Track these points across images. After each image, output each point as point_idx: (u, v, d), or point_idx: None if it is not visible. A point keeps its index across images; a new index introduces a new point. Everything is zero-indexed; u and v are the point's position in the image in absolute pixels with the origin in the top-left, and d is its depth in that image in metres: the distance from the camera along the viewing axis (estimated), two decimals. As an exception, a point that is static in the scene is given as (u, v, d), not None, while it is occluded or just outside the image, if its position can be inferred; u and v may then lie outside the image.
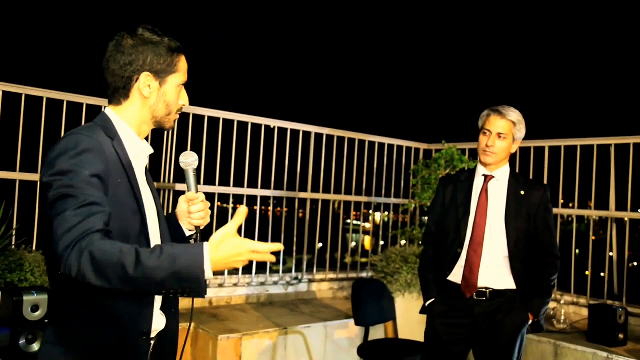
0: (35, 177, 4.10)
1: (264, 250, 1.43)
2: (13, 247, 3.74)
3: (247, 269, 5.18)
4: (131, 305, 1.57)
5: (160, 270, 1.31)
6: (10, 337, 2.91)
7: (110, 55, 1.61)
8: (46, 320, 2.94)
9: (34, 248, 3.94)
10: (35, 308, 2.96)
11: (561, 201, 5.14)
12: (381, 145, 6.11)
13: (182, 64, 1.68)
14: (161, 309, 1.69)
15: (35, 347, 2.94)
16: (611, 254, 4.91)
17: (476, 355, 2.96)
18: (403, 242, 6.20)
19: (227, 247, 1.39)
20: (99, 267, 1.30)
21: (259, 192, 5.26)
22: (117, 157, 1.56)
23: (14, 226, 3.85)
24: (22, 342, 2.92)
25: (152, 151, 1.74)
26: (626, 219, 4.82)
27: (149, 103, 1.65)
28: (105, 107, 1.69)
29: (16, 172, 4.03)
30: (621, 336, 3.98)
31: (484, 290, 2.86)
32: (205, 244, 1.38)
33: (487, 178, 2.96)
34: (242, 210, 1.48)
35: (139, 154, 1.67)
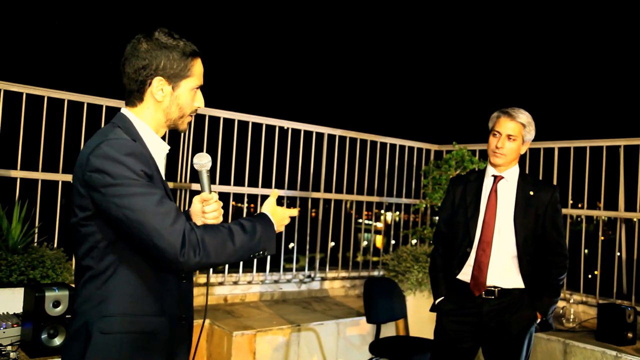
0: (56, 176, 4.19)
1: (293, 213, 1.88)
2: (35, 244, 3.82)
3: (261, 267, 5.25)
4: (176, 292, 1.68)
5: (251, 243, 1.61)
6: (32, 332, 2.94)
7: (126, 59, 1.65)
8: (67, 316, 2.99)
9: (55, 245, 4.01)
10: (56, 304, 2.99)
11: (570, 202, 5.15)
12: (392, 146, 6.16)
13: (197, 67, 1.70)
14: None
15: (57, 341, 2.98)
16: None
17: (485, 353, 2.99)
18: (414, 241, 6.24)
19: (278, 214, 1.79)
20: (217, 252, 1.53)
21: (273, 192, 5.31)
22: None
23: (36, 224, 3.93)
24: (44, 336, 2.95)
25: (168, 149, 1.78)
26: (635, 219, 4.83)
27: (162, 106, 1.68)
28: (122, 108, 1.73)
29: (38, 172, 4.11)
30: (630, 335, 4.00)
31: (492, 289, 2.89)
32: (269, 214, 1.75)
33: (497, 178, 2.99)
34: (275, 191, 1.87)
35: (159, 153, 1.72)
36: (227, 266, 5.06)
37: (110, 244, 1.56)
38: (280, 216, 1.78)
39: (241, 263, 5.10)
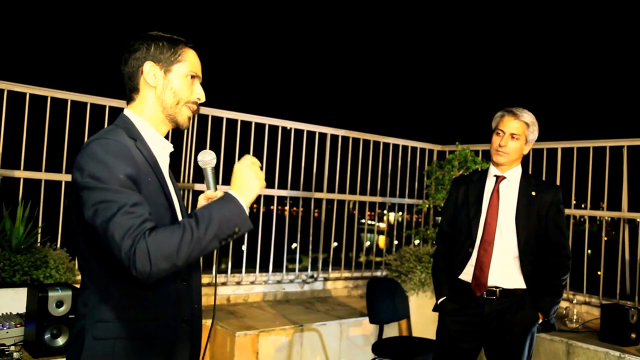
0: (59, 177, 4.20)
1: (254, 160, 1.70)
2: (38, 244, 3.82)
3: (263, 268, 5.25)
4: (173, 295, 1.66)
5: (210, 230, 1.48)
6: (35, 332, 2.93)
7: (123, 59, 1.71)
8: (71, 316, 3.00)
9: (58, 245, 4.02)
10: (59, 304, 2.98)
11: (573, 202, 5.14)
12: (395, 146, 6.16)
13: (189, 55, 1.72)
14: None
15: (60, 341, 2.98)
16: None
17: (487, 353, 2.99)
18: (417, 241, 6.24)
19: (241, 178, 1.64)
20: (168, 257, 1.42)
21: (275, 192, 5.33)
22: (142, 157, 1.61)
23: (40, 224, 3.93)
24: (47, 336, 2.95)
25: (172, 148, 1.79)
26: (638, 219, 4.83)
27: (157, 93, 1.69)
28: (124, 109, 1.75)
29: (42, 172, 4.12)
30: (633, 335, 3.99)
31: (493, 289, 2.89)
32: (226, 190, 1.61)
33: (499, 178, 2.99)
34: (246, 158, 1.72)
35: (161, 152, 1.72)
36: (229, 266, 5.06)
37: (100, 247, 1.53)
38: (243, 180, 1.63)
39: (244, 263, 5.11)
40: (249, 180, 1.63)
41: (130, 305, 1.57)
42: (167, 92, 1.69)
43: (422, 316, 4.80)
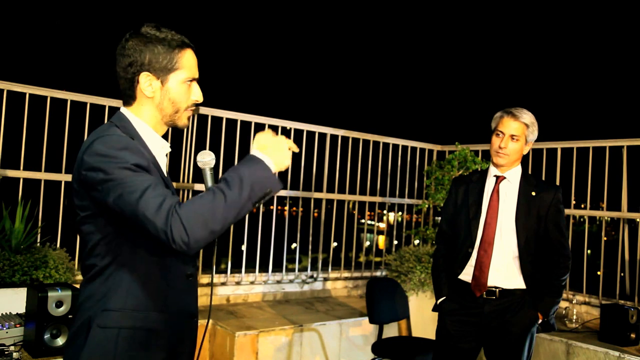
0: (59, 177, 4.20)
1: (293, 147, 1.63)
2: (38, 244, 3.83)
3: (263, 268, 5.26)
4: (179, 289, 1.68)
5: (242, 195, 1.45)
6: (35, 332, 2.94)
7: (116, 58, 1.64)
8: (70, 316, 3.00)
9: (58, 245, 4.02)
10: (59, 304, 2.99)
11: (573, 202, 5.14)
12: (395, 146, 6.16)
13: (186, 59, 1.66)
14: None
15: (60, 341, 2.98)
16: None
17: (486, 353, 2.99)
18: (417, 241, 6.24)
19: (270, 145, 1.57)
20: (203, 223, 1.40)
21: (275, 192, 5.31)
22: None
23: (39, 224, 3.94)
24: (47, 336, 2.96)
25: (170, 149, 1.77)
26: (638, 219, 4.82)
27: (155, 102, 1.65)
28: (121, 107, 1.72)
29: (41, 172, 4.12)
30: (633, 336, 3.99)
31: (493, 289, 2.89)
32: (257, 152, 1.55)
33: (499, 179, 2.98)
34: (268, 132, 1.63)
35: (160, 151, 1.71)
36: (229, 266, 5.06)
37: (112, 241, 1.56)
38: (274, 147, 1.57)
39: (243, 263, 5.11)
40: (283, 151, 1.59)
41: (137, 296, 1.58)
42: (165, 102, 1.66)
43: (422, 316, 4.80)
